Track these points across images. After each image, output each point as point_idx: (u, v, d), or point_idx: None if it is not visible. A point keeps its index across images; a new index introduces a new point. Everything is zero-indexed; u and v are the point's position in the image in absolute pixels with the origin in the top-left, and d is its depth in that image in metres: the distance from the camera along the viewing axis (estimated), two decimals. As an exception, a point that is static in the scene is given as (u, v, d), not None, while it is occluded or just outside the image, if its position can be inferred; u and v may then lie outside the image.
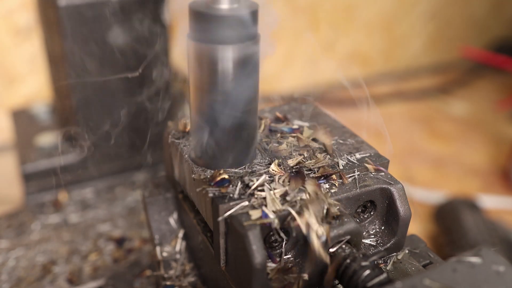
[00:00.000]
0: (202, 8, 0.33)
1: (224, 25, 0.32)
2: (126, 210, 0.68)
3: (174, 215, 0.45)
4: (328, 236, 0.32)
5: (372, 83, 1.35)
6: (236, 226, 0.32)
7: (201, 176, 0.36)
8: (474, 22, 1.46)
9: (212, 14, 0.32)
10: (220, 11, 0.32)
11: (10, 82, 0.96)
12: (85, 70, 0.65)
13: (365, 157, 0.39)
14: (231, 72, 0.34)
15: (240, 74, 0.34)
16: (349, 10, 1.25)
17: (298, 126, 0.42)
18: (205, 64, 0.34)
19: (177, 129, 0.42)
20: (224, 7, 0.32)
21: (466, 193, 0.91)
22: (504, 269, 0.30)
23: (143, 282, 0.52)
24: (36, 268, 0.57)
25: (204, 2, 0.33)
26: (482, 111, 1.25)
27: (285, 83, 1.26)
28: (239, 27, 0.32)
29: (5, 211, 0.68)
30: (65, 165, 0.71)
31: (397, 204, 0.36)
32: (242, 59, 0.33)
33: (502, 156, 1.04)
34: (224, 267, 0.36)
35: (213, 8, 0.32)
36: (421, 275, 0.29)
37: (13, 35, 0.93)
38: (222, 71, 0.33)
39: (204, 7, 0.33)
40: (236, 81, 0.34)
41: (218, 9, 0.32)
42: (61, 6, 0.60)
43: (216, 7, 0.32)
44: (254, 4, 0.34)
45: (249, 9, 0.33)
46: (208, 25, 0.32)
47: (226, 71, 0.33)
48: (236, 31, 0.32)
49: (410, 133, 1.14)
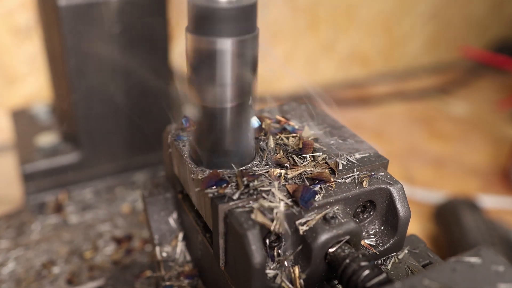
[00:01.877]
0: (200, 1, 0.33)
1: (223, 18, 0.32)
2: (126, 210, 0.68)
3: (173, 215, 0.45)
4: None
5: (372, 83, 1.35)
6: (235, 226, 0.32)
7: (200, 176, 0.36)
8: (474, 22, 1.46)
9: (210, 7, 0.32)
10: (219, 3, 0.32)
11: (10, 82, 0.96)
12: (85, 70, 0.65)
13: (364, 157, 0.39)
14: (230, 65, 0.33)
15: (238, 68, 0.34)
16: (349, 10, 1.25)
17: (298, 126, 0.42)
18: (203, 57, 0.34)
19: (177, 128, 0.42)
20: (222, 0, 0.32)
21: (466, 193, 0.91)
22: (503, 269, 0.30)
23: (143, 283, 0.52)
24: (36, 269, 0.57)
25: None
26: (482, 111, 1.25)
27: (285, 83, 1.26)
28: (238, 20, 0.32)
29: (5, 211, 0.68)
30: (65, 165, 0.71)
31: (397, 204, 0.36)
32: (240, 53, 0.33)
33: (502, 156, 1.04)
34: (223, 267, 0.36)
35: (211, 1, 0.32)
36: (420, 275, 0.29)
37: (13, 35, 0.93)
38: (221, 64, 0.33)
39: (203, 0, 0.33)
40: (234, 75, 0.34)
41: (217, 1, 0.32)
42: (61, 6, 0.60)
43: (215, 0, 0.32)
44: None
45: (248, 2, 0.33)
46: (206, 18, 0.32)
47: (225, 64, 0.33)
48: (234, 24, 0.32)
49: (410, 133, 1.14)
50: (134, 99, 0.70)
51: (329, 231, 0.33)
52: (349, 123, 0.45)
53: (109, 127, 0.71)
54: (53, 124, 0.79)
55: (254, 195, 0.34)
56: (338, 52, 1.30)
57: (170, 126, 0.42)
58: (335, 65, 1.31)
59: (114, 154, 0.73)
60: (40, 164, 0.70)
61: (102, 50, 0.65)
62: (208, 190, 0.34)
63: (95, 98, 0.68)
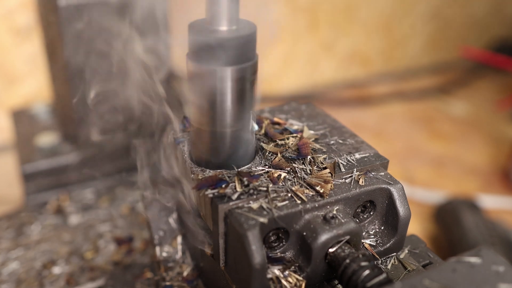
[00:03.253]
0: (201, 30, 0.33)
1: (222, 48, 0.33)
2: (126, 211, 0.68)
3: (173, 215, 0.45)
4: None
5: (372, 83, 1.35)
6: (235, 226, 0.32)
7: (200, 176, 0.36)
8: (474, 22, 1.46)
9: (210, 38, 0.32)
10: (219, 33, 0.33)
11: (10, 82, 0.96)
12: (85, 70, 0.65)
13: (364, 157, 0.39)
14: (230, 91, 0.34)
15: (238, 93, 0.34)
16: (349, 10, 1.25)
17: (298, 127, 0.42)
18: (203, 84, 0.34)
19: (177, 129, 0.42)
20: (223, 29, 0.33)
21: (466, 193, 0.91)
22: (504, 269, 0.30)
23: (143, 283, 0.52)
24: (36, 269, 0.57)
25: (203, 23, 0.34)
26: (482, 111, 1.25)
27: (285, 83, 1.26)
28: (238, 50, 0.33)
29: (5, 211, 0.68)
30: (65, 165, 0.71)
31: (397, 204, 0.36)
32: (240, 79, 0.34)
33: (502, 156, 1.04)
34: (223, 267, 0.36)
35: (211, 30, 0.33)
36: (420, 275, 0.29)
37: (13, 35, 0.93)
38: (221, 91, 0.34)
39: (203, 29, 0.33)
40: (234, 99, 0.35)
41: (217, 31, 0.33)
42: (61, 6, 0.60)
43: (215, 29, 0.33)
44: (252, 26, 0.34)
45: (248, 31, 0.33)
46: (206, 47, 0.33)
47: (225, 91, 0.34)
48: (235, 53, 0.33)
49: (410, 133, 1.14)
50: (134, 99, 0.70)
51: (329, 231, 0.33)
52: (349, 123, 0.45)
53: (109, 127, 0.71)
54: (53, 124, 0.79)
55: (254, 195, 0.34)
56: (338, 52, 1.30)
57: (170, 126, 0.42)
58: (335, 65, 1.31)
59: (114, 154, 0.73)
60: (40, 164, 0.70)
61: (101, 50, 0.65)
62: (209, 191, 0.34)
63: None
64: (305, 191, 0.34)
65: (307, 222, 0.33)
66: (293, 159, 0.37)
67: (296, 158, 0.37)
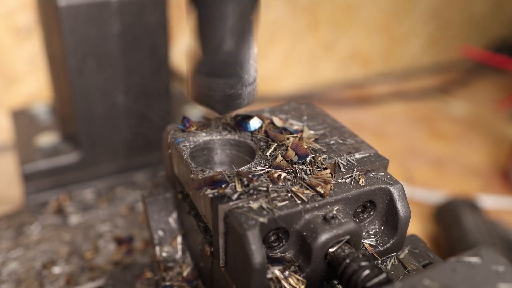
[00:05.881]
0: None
1: None
2: (126, 211, 0.68)
3: (173, 215, 0.45)
4: None
5: (372, 83, 1.35)
6: (235, 226, 0.32)
7: (200, 176, 0.36)
8: (474, 22, 1.46)
9: None
10: None
11: (10, 82, 0.96)
12: (85, 70, 0.65)
13: (364, 157, 0.39)
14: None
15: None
16: (349, 10, 1.25)
17: (298, 127, 0.42)
18: None
19: (177, 128, 0.42)
20: None
21: (466, 193, 0.91)
22: (503, 269, 0.30)
23: (143, 283, 0.52)
24: (36, 269, 0.57)
25: None
26: (482, 111, 1.25)
27: (285, 83, 1.26)
28: None
29: (5, 211, 0.68)
30: (65, 165, 0.71)
31: (397, 204, 0.36)
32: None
33: (502, 156, 1.04)
34: (223, 267, 0.36)
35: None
36: (420, 275, 0.29)
37: (13, 35, 0.93)
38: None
39: None
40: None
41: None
42: (61, 6, 0.60)
43: None
44: None
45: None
46: None
47: None
48: None
49: (410, 133, 1.14)
50: (134, 99, 0.70)
51: (329, 231, 0.33)
52: (349, 123, 0.45)
53: (109, 127, 0.71)
54: (53, 124, 0.79)
55: (254, 195, 0.34)
56: (338, 52, 1.30)
57: (170, 126, 0.42)
58: (335, 65, 1.31)
59: (114, 154, 0.73)
60: (40, 164, 0.70)
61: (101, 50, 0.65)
62: (208, 191, 0.34)
63: (95, 98, 0.68)
64: (305, 191, 0.34)
65: (307, 222, 0.33)
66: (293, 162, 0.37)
67: (297, 162, 0.37)
